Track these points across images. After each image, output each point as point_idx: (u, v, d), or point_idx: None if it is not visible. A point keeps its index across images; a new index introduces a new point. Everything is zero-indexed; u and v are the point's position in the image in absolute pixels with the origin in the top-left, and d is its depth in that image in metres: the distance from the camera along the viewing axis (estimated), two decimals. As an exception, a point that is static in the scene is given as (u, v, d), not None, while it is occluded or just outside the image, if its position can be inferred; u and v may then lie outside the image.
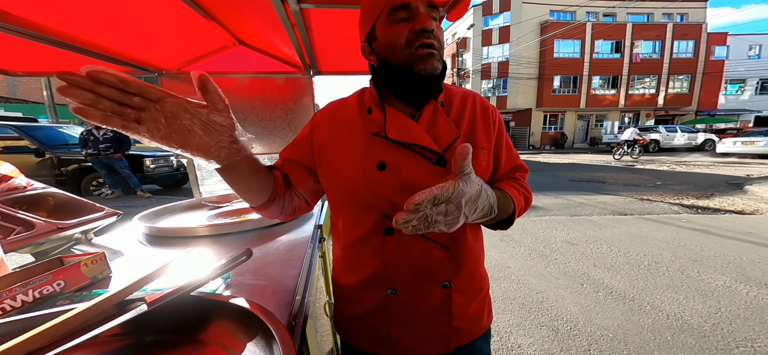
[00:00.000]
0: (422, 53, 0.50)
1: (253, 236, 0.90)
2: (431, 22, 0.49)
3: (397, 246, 0.54)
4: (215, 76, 1.39)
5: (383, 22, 0.52)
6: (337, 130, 0.58)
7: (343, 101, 0.62)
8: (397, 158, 0.53)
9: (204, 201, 1.27)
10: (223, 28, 1.08)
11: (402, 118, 0.54)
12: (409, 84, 0.53)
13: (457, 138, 0.54)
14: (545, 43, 19.05)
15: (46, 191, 0.79)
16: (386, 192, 0.53)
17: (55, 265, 0.60)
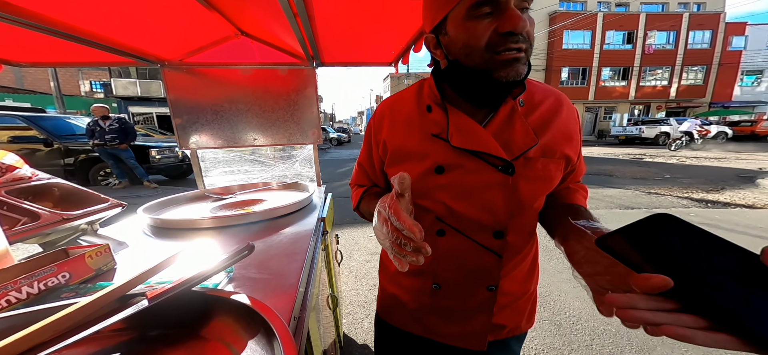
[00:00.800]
0: (507, 58, 0.41)
1: (257, 228, 0.90)
2: (524, 23, 0.40)
3: (448, 247, 0.53)
4: (218, 68, 1.39)
5: (460, 15, 0.42)
6: (396, 127, 0.55)
7: (399, 96, 0.58)
8: (459, 163, 0.49)
9: (207, 193, 1.27)
10: (225, 18, 1.06)
11: (467, 122, 0.49)
12: (484, 90, 0.46)
13: (533, 146, 0.48)
14: (553, 33, 18.52)
15: (52, 181, 0.79)
16: (443, 196, 0.51)
17: (60, 256, 0.61)
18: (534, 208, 0.53)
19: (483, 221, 0.50)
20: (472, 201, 0.50)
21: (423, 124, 0.52)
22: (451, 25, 0.44)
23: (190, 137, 1.41)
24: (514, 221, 0.51)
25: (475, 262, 0.53)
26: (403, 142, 0.54)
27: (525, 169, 0.49)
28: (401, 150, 0.54)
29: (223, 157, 1.56)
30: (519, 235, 0.53)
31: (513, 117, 0.49)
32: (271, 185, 1.42)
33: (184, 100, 1.37)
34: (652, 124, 14.85)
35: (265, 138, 1.49)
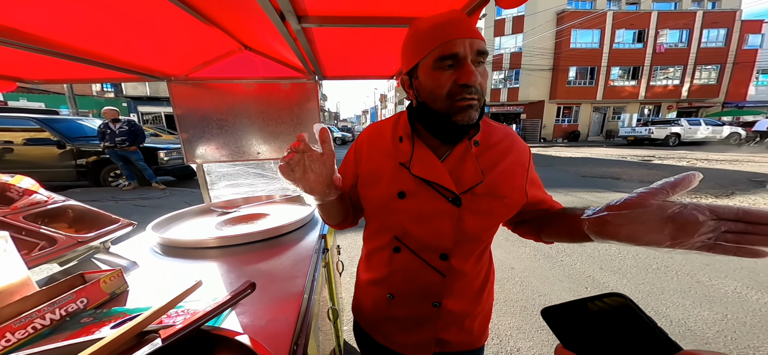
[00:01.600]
0: (462, 105, 0.51)
1: (260, 247, 0.94)
2: (476, 78, 0.49)
3: (402, 263, 0.62)
4: (222, 82, 1.43)
5: (428, 65, 0.52)
6: (373, 153, 0.64)
7: (380, 125, 0.67)
8: (417, 191, 0.57)
9: (213, 207, 1.32)
10: (227, 34, 1.09)
11: (428, 156, 0.57)
12: (443, 129, 0.55)
13: (479, 183, 0.55)
14: (561, 33, 18.23)
15: (66, 203, 0.84)
16: (401, 218, 0.59)
17: (77, 282, 0.65)
18: (479, 238, 0.60)
19: (431, 243, 0.58)
20: (424, 225, 0.57)
21: (395, 153, 0.60)
22: (421, 72, 0.53)
23: (197, 151, 1.46)
24: (458, 247, 0.58)
25: (423, 279, 0.60)
26: (377, 168, 0.62)
27: (471, 203, 0.56)
28: (374, 174, 0.62)
29: (227, 171, 1.60)
30: (463, 260, 0.60)
31: (466, 156, 0.57)
32: (274, 198, 1.45)
33: (191, 115, 1.41)
34: (662, 125, 14.55)
35: (269, 151, 1.52)
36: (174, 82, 1.38)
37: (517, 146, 0.61)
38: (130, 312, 0.58)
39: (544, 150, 14.02)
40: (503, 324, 1.90)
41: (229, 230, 1.11)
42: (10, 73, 1.14)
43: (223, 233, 1.03)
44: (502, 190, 0.57)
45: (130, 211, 4.07)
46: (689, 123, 14.38)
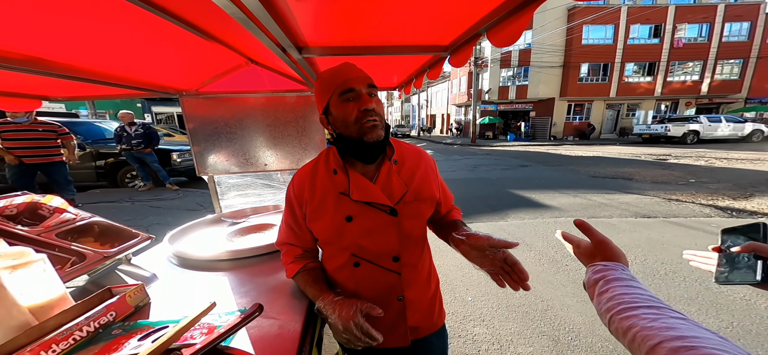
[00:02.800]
0: (369, 125, 0.64)
1: (267, 259, 1.00)
2: (372, 102, 0.64)
3: (363, 274, 0.72)
4: (231, 96, 1.50)
5: (335, 101, 0.66)
6: (313, 191, 0.73)
7: (309, 166, 0.77)
8: (360, 212, 0.69)
9: (223, 217, 1.39)
10: (234, 51, 1.15)
11: (362, 181, 0.69)
12: (362, 151, 0.67)
13: (405, 193, 0.70)
14: (572, 30, 17.74)
15: (92, 220, 0.92)
16: (353, 238, 0.70)
17: (105, 296, 0.72)
18: (417, 235, 0.74)
19: (383, 251, 0.70)
20: (373, 238, 0.69)
21: (332, 185, 0.71)
22: (333, 108, 0.67)
23: (208, 163, 1.54)
24: (405, 248, 0.72)
25: (384, 282, 0.72)
26: (321, 202, 0.71)
27: (404, 210, 0.70)
28: (320, 208, 0.71)
29: (237, 182, 1.68)
30: (410, 256, 0.74)
31: (390, 174, 0.71)
32: (281, 207, 1.52)
33: (202, 128, 1.50)
34: (679, 122, 14.01)
35: (276, 162, 1.59)
36: (186, 96, 1.46)
37: (425, 158, 0.78)
38: (154, 325, 0.65)
39: (553, 149, 13.73)
40: (505, 330, 1.92)
41: (238, 242, 1.18)
42: (36, 92, 1.24)
43: (234, 246, 1.10)
44: (424, 193, 0.73)
45: (145, 212, 4.26)
46: (709, 120, 13.80)
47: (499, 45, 0.64)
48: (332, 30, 0.76)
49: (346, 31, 0.77)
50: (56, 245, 0.78)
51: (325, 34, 0.77)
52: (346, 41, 0.83)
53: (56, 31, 0.69)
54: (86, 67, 0.97)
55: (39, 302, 0.64)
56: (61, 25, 0.66)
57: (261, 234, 1.26)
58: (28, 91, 1.16)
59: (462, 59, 0.84)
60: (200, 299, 0.80)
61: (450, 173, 7.63)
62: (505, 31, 0.61)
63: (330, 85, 0.66)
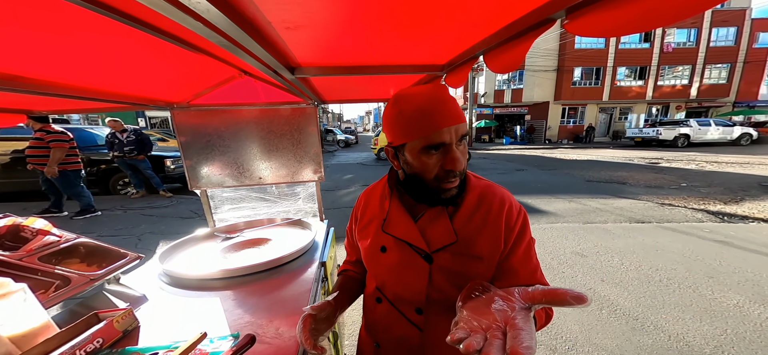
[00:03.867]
0: (448, 187, 0.56)
1: (261, 277, 0.98)
2: (461, 163, 0.54)
3: (383, 314, 0.66)
4: (224, 108, 1.48)
5: (416, 149, 0.55)
6: (366, 211, 0.72)
7: (374, 186, 0.74)
8: (394, 247, 0.63)
9: (216, 232, 1.37)
10: (226, 63, 1.13)
11: (402, 216, 0.63)
12: (430, 198, 0.59)
13: (452, 243, 0.58)
14: (565, 34, 18.05)
15: (78, 241, 0.90)
16: (382, 271, 0.65)
17: (92, 321, 0.70)
18: (454, 296, 0.57)
19: (406, 296, 0.62)
20: (400, 279, 0.62)
21: (380, 211, 0.67)
22: (409, 153, 0.57)
23: (201, 177, 1.52)
24: (433, 304, 0.60)
25: (401, 330, 0.63)
26: (367, 224, 0.69)
27: (444, 261, 0.58)
28: (365, 230, 0.69)
29: (230, 195, 1.65)
30: (441, 316, 0.60)
31: (439, 216, 0.60)
32: (276, 221, 1.50)
33: (194, 141, 1.47)
34: (670, 126, 14.29)
35: (270, 176, 1.57)
36: (177, 109, 1.43)
37: (497, 201, 0.60)
38: (143, 352, 0.63)
39: (549, 153, 13.88)
40: (502, 340, 1.91)
41: (232, 258, 1.16)
42: (20, 106, 1.21)
43: (227, 264, 1.08)
44: (478, 248, 0.57)
45: (138, 220, 4.18)
46: (699, 124, 14.09)
47: (496, 71, 0.63)
48: (326, 52, 0.75)
49: (340, 52, 0.76)
50: (39, 270, 0.75)
51: (319, 56, 0.77)
52: (340, 61, 0.82)
53: (36, 48, 0.67)
54: (69, 84, 0.94)
55: (21, 331, 0.61)
56: (40, 42, 0.64)
57: (256, 249, 1.24)
58: (9, 106, 1.13)
59: (459, 80, 0.84)
60: (192, 322, 0.78)
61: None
62: (503, 57, 0.61)
63: (415, 128, 0.53)
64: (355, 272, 0.80)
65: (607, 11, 0.36)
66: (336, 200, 5.70)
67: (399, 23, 0.62)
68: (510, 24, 0.55)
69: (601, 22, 0.37)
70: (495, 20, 0.56)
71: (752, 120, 17.35)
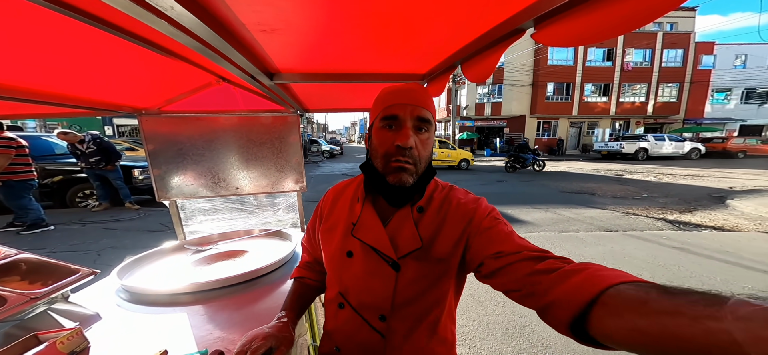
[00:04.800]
0: (395, 165, 0.55)
1: (236, 291, 0.92)
2: (409, 141, 0.53)
3: (345, 319, 0.64)
4: (200, 115, 1.42)
5: (377, 124, 0.58)
6: (333, 211, 0.68)
7: (345, 184, 0.72)
8: (361, 252, 0.60)
9: (186, 244, 1.28)
10: (203, 69, 1.09)
11: (372, 220, 0.60)
12: (383, 188, 0.59)
13: (417, 248, 0.56)
14: (539, 50, 19.37)
15: (19, 257, 0.80)
16: (347, 277, 0.62)
17: (31, 344, 0.62)
18: (421, 302, 0.59)
19: (370, 303, 0.60)
20: (365, 285, 0.60)
21: (349, 213, 0.64)
22: (374, 130, 0.59)
23: (170, 187, 1.42)
24: (398, 311, 0.59)
25: (364, 337, 0.61)
26: (333, 226, 0.66)
27: (410, 268, 0.57)
28: (330, 232, 0.66)
29: (203, 206, 1.56)
30: (404, 322, 0.59)
31: (404, 220, 0.59)
32: (254, 232, 1.43)
33: (164, 150, 1.38)
34: (631, 140, 15.49)
35: (249, 186, 1.51)
36: (145, 115, 1.35)
37: (454, 202, 0.59)
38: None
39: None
40: (485, 348, 1.91)
41: (204, 272, 1.08)
42: None
43: (198, 277, 1.00)
44: (439, 250, 0.56)
45: (98, 234, 3.84)
46: (655, 139, 15.39)
47: (473, 79, 0.66)
48: (305, 58, 0.74)
49: (320, 58, 0.76)
50: (-30, 291, 0.66)
51: (298, 62, 0.76)
52: (321, 68, 0.82)
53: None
54: (22, 87, 0.86)
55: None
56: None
57: (231, 262, 1.17)
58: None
59: (438, 88, 0.86)
60: (154, 340, 0.71)
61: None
62: (478, 66, 0.63)
63: (378, 104, 0.58)
64: (310, 279, 0.76)
65: (568, 22, 0.40)
66: None
67: (379, 31, 0.63)
68: (484, 34, 0.58)
69: (563, 33, 0.41)
70: (471, 30, 0.59)
71: (700, 136, 19.24)
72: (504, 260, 0.49)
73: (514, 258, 0.48)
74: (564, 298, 0.38)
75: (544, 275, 0.43)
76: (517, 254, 0.48)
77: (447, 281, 0.59)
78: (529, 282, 0.44)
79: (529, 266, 0.46)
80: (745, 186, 7.20)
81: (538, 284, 0.43)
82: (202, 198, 1.46)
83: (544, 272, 0.43)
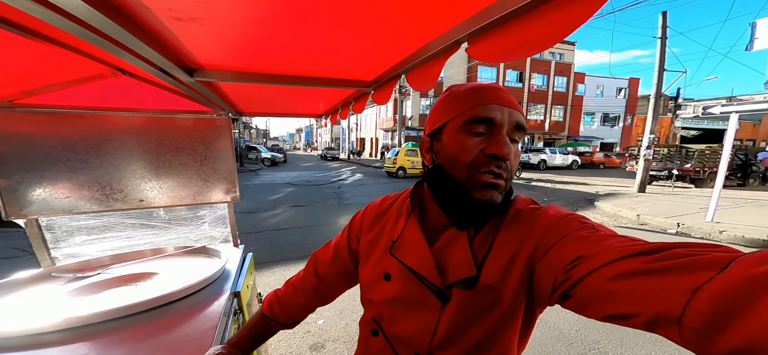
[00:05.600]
0: (486, 180, 0.43)
1: (139, 320, 0.73)
2: (510, 150, 0.43)
3: (376, 349, 0.55)
4: (82, 113, 1.11)
5: (457, 125, 0.45)
6: (375, 224, 0.60)
7: (394, 197, 0.62)
8: (401, 276, 0.51)
9: (57, 272, 0.97)
10: (90, 58, 0.85)
11: (416, 238, 0.50)
12: (458, 206, 0.46)
13: (471, 278, 0.44)
14: (471, 68, 22.05)
15: None
16: (383, 301, 0.53)
17: None
18: (473, 343, 0.45)
19: (405, 337, 0.50)
20: (401, 315, 0.50)
21: (392, 229, 0.56)
22: (447, 133, 0.47)
23: (29, 202, 1.05)
24: (442, 352, 0.47)
25: None
26: (373, 240, 0.58)
27: (462, 300, 0.44)
28: (369, 247, 0.58)
29: (87, 224, 1.21)
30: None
31: (455, 241, 0.47)
32: (167, 251, 1.18)
33: (17, 154, 1.02)
34: (535, 152, 19.03)
35: (160, 198, 1.23)
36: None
37: (540, 223, 0.43)
38: None
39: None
40: None
41: (85, 303, 0.83)
42: None
43: (74, 312, 0.74)
44: (490, 277, 0.43)
45: None
46: (550, 152, 19.25)
47: (417, 88, 0.68)
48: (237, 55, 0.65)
49: (256, 57, 0.67)
50: None
51: (228, 59, 0.66)
52: (257, 68, 0.73)
53: None
54: None
55: None
56: None
57: (131, 287, 0.94)
58: None
59: (385, 96, 0.87)
60: None
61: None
62: (421, 76, 0.66)
63: (461, 102, 0.45)
64: (278, 320, 0.67)
65: (495, 40, 0.45)
66: (258, 223, 5.08)
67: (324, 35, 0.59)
68: (426, 45, 0.61)
69: (491, 49, 0.46)
70: (413, 41, 0.61)
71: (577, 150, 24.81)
72: (592, 262, 0.32)
73: (609, 256, 0.31)
74: None
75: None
76: (614, 252, 0.31)
77: (501, 317, 0.43)
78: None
79: (638, 263, 0.29)
80: (606, 191, 9.57)
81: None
82: (84, 214, 1.13)
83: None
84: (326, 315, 2.31)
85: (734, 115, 4.88)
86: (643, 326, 0.28)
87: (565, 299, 0.36)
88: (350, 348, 1.97)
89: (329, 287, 0.67)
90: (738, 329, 0.21)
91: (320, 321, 2.25)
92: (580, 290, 0.33)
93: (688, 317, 0.24)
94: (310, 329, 2.16)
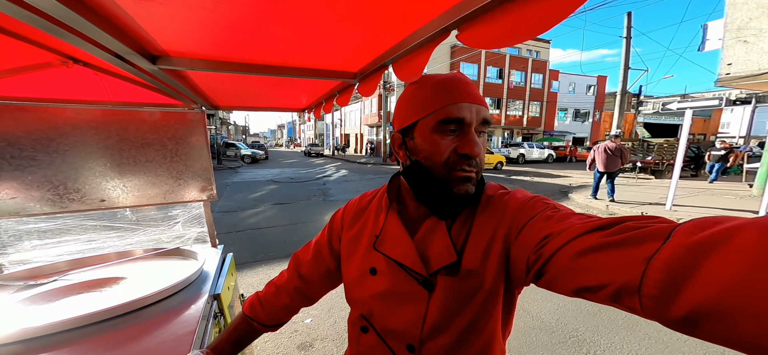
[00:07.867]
0: (461, 176, 0.46)
1: (105, 328, 0.66)
2: (480, 149, 0.46)
3: (367, 345, 0.56)
4: (24, 104, 1.00)
5: (428, 126, 0.47)
6: (355, 221, 0.60)
7: (372, 194, 0.63)
8: (387, 269, 0.52)
9: (3, 280, 0.87)
10: (33, 44, 0.75)
11: (398, 231, 0.52)
12: (440, 199, 0.48)
13: (451, 264, 0.46)
14: (454, 65, 22.28)
15: None
16: (370, 297, 0.54)
17: None
18: (459, 328, 0.47)
19: (396, 330, 0.51)
20: (390, 308, 0.51)
21: (374, 225, 0.57)
22: (419, 132, 0.48)
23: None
24: (431, 339, 0.48)
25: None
26: (355, 237, 0.58)
27: (446, 286, 0.46)
28: (352, 243, 0.58)
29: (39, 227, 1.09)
30: (440, 353, 0.48)
31: (435, 230, 0.49)
32: (135, 254, 1.09)
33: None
34: (515, 147, 19.74)
35: (125, 198, 1.13)
36: None
37: (511, 207, 0.46)
38: None
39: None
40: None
41: (39, 312, 0.75)
42: None
43: (27, 323, 0.66)
44: (471, 262, 0.46)
45: None
46: (528, 146, 20.04)
47: (403, 78, 0.66)
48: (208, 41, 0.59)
49: (231, 45, 0.62)
50: None
51: (197, 45, 0.60)
52: (232, 56, 0.67)
53: None
54: None
55: None
56: None
57: (95, 293, 0.86)
58: None
59: (371, 88, 0.84)
60: None
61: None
62: (408, 66, 0.64)
63: (431, 101, 0.46)
64: (260, 321, 0.65)
65: (485, 26, 0.44)
66: (238, 222, 4.88)
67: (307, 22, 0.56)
68: (413, 33, 0.58)
69: (481, 35, 0.45)
70: (400, 29, 0.58)
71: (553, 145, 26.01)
72: (558, 240, 0.35)
73: (572, 233, 0.34)
74: None
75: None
76: (575, 229, 0.34)
77: (484, 300, 0.46)
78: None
79: (598, 237, 0.32)
80: (578, 183, 10.11)
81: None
82: (34, 216, 1.01)
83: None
84: (314, 314, 2.27)
85: (689, 112, 5.29)
86: (609, 298, 0.30)
87: (539, 277, 0.39)
88: (339, 346, 1.95)
89: (312, 288, 0.67)
90: (689, 291, 0.24)
91: (308, 320, 2.21)
92: (550, 268, 0.36)
93: (646, 285, 0.26)
94: (297, 328, 2.12)
